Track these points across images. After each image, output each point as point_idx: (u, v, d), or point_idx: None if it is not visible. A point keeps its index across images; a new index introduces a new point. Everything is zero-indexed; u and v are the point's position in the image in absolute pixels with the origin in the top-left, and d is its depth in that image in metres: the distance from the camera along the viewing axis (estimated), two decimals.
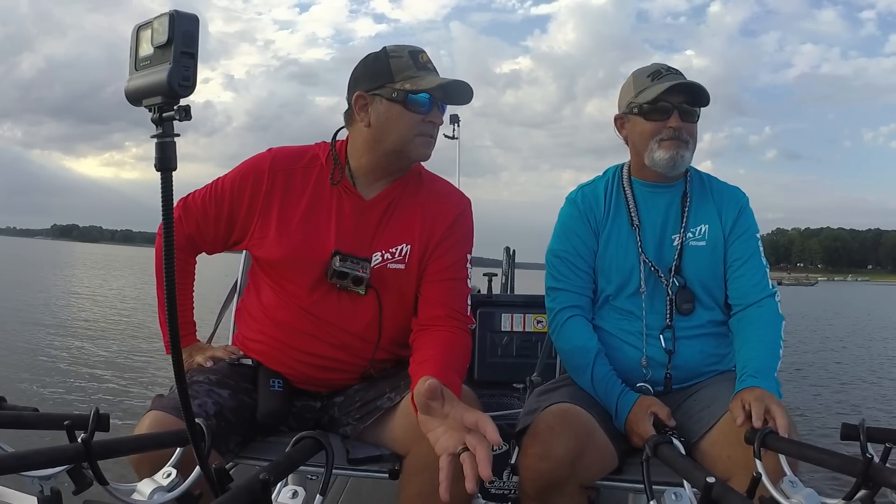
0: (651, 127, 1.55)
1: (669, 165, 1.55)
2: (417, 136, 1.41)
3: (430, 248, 1.48)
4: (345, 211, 1.46)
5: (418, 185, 1.52)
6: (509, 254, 4.54)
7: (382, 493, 2.68)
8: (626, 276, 1.59)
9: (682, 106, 1.53)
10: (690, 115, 1.55)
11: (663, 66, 1.59)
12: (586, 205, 1.66)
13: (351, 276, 1.42)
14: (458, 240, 1.51)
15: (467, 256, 1.53)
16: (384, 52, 1.42)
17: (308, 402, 1.52)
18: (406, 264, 1.47)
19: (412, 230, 1.48)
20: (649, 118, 1.56)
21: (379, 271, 1.45)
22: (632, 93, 1.59)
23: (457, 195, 1.58)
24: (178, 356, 0.70)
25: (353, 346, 1.46)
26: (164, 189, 0.66)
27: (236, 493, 0.79)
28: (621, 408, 1.46)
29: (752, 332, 1.50)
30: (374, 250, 1.46)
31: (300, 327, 1.45)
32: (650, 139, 1.56)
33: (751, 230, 1.61)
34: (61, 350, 7.66)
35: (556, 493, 1.32)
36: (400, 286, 1.47)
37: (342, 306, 1.45)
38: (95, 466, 0.85)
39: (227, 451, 1.36)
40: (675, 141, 1.53)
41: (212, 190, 1.50)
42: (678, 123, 1.53)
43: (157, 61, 0.67)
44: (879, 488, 0.94)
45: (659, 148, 1.54)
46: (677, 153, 1.53)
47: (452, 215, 1.51)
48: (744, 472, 1.18)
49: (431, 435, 1.11)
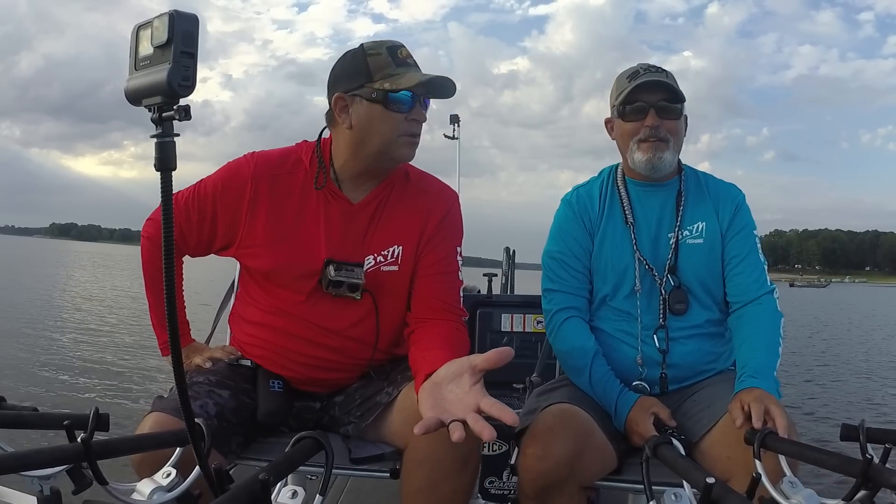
0: (630, 128, 1.55)
1: (648, 167, 1.55)
2: (400, 136, 1.38)
3: (420, 245, 1.48)
4: (333, 216, 1.44)
5: (405, 185, 1.51)
6: (509, 254, 4.54)
7: (383, 492, 2.68)
8: (622, 276, 1.59)
9: (658, 104, 1.52)
10: (668, 111, 1.53)
11: (644, 65, 1.59)
12: (581, 205, 1.66)
13: (346, 285, 1.41)
14: (447, 234, 1.50)
15: (458, 250, 1.52)
16: (361, 49, 1.39)
17: (308, 403, 1.52)
18: (399, 265, 1.46)
19: (402, 231, 1.47)
20: (627, 119, 1.56)
21: (373, 275, 1.44)
22: (615, 95, 1.60)
23: (444, 191, 1.57)
24: (178, 357, 0.70)
25: (350, 349, 1.46)
26: (163, 189, 0.66)
27: (236, 493, 0.79)
28: (620, 408, 1.46)
29: (751, 329, 1.50)
30: (367, 254, 1.45)
31: (296, 332, 1.44)
32: (629, 140, 1.56)
33: (748, 227, 1.60)
34: (61, 349, 7.66)
35: (555, 493, 1.32)
36: (394, 287, 1.47)
37: (338, 311, 1.44)
38: (95, 466, 0.85)
39: (229, 452, 1.36)
40: (653, 142, 1.52)
41: (194, 193, 1.47)
42: (654, 122, 1.52)
43: (157, 61, 0.67)
44: (879, 489, 0.94)
45: (637, 150, 1.54)
46: (654, 154, 1.53)
47: (442, 212, 1.50)
48: (743, 472, 1.18)
49: (440, 404, 1.07)
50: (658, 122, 1.52)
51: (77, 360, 7.14)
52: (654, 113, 1.52)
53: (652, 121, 1.52)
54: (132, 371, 6.65)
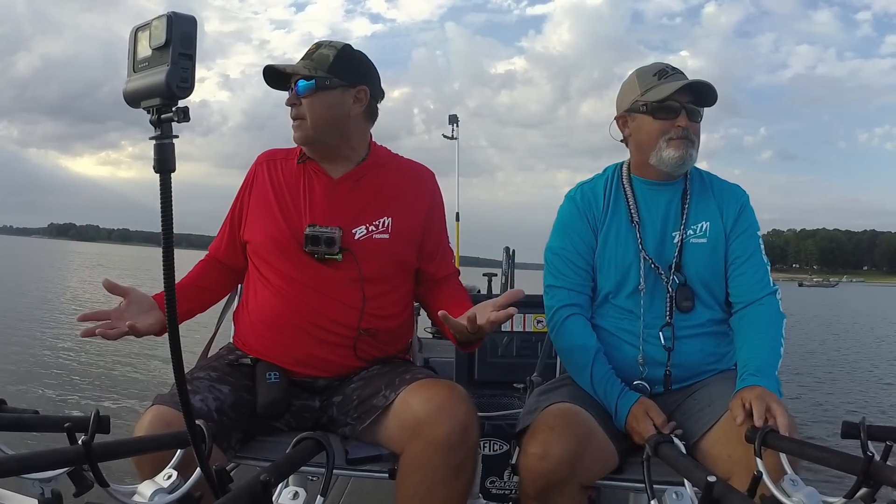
0: (660, 126, 1.55)
1: (678, 164, 1.56)
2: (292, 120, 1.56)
3: (412, 220, 1.60)
4: (315, 189, 1.58)
5: (386, 164, 1.65)
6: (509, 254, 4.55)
7: (383, 493, 2.67)
8: (625, 273, 1.59)
9: (688, 105, 1.54)
10: (696, 114, 1.56)
11: (667, 65, 1.60)
12: (585, 202, 1.66)
13: (323, 239, 1.50)
14: (436, 211, 1.68)
15: (444, 225, 1.72)
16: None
17: (307, 402, 1.53)
18: (390, 234, 1.57)
19: (388, 204, 1.59)
20: (658, 117, 1.55)
21: (366, 242, 1.54)
22: (637, 91, 1.59)
23: (422, 169, 1.70)
24: (179, 356, 0.70)
25: (339, 315, 1.50)
26: (162, 190, 0.66)
27: (237, 494, 0.79)
28: (621, 407, 1.46)
29: (753, 330, 1.50)
30: (359, 224, 1.55)
31: (288, 303, 1.50)
32: (658, 138, 1.56)
33: (752, 228, 1.61)
34: (61, 351, 7.65)
35: (556, 492, 1.32)
36: (383, 253, 1.56)
37: (324, 275, 1.51)
38: (96, 468, 0.85)
39: (229, 448, 1.37)
40: (685, 140, 1.54)
41: (228, 220, 1.68)
42: (686, 123, 1.54)
43: (156, 63, 0.67)
44: (880, 487, 0.95)
45: (668, 147, 1.55)
46: (686, 152, 1.54)
47: (427, 190, 1.66)
48: (745, 470, 1.18)
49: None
50: (687, 122, 1.54)
51: (78, 361, 7.14)
52: (685, 114, 1.54)
53: (684, 121, 1.54)
54: (133, 373, 6.65)
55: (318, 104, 1.52)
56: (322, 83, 1.52)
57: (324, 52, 1.54)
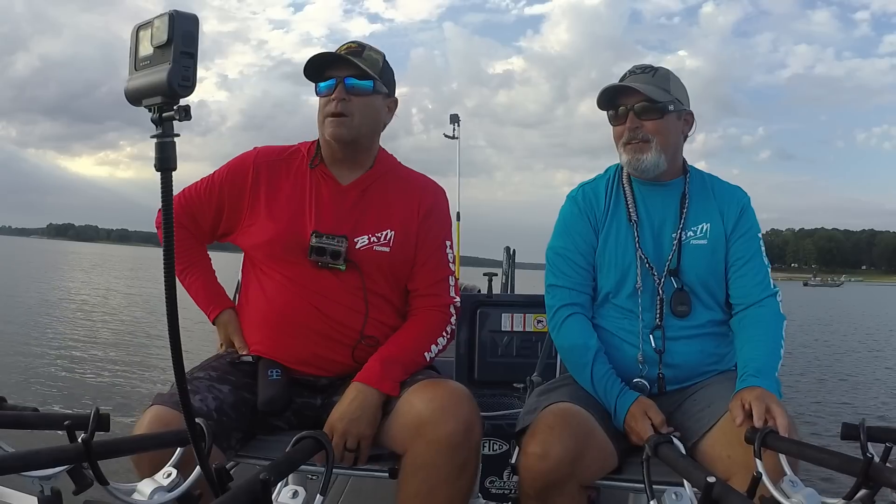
0: (616, 132, 1.60)
1: (632, 167, 1.59)
2: (325, 118, 1.52)
3: (410, 235, 1.57)
4: (322, 195, 1.56)
5: (393, 175, 1.62)
6: (509, 253, 4.54)
7: (383, 492, 2.67)
8: (624, 273, 1.59)
9: (636, 106, 1.55)
10: (648, 111, 1.55)
11: (636, 66, 1.62)
12: (587, 202, 1.66)
13: (329, 251, 1.49)
14: (432, 226, 1.60)
15: (447, 242, 1.63)
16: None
17: (308, 400, 1.53)
18: (391, 248, 1.55)
19: (393, 217, 1.57)
20: (612, 123, 1.61)
21: (366, 252, 1.53)
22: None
23: (431, 184, 1.67)
24: (179, 356, 0.70)
25: (342, 317, 1.50)
26: (163, 189, 0.66)
27: (236, 493, 0.79)
28: (620, 406, 1.46)
29: (754, 331, 1.50)
30: (361, 234, 1.53)
31: (291, 302, 1.50)
32: (618, 143, 1.60)
33: (752, 230, 1.61)
34: (61, 349, 7.66)
35: (555, 492, 1.32)
36: (384, 266, 1.54)
37: (327, 281, 1.50)
38: (96, 466, 0.85)
39: (229, 448, 1.37)
40: (634, 144, 1.56)
41: (207, 183, 1.61)
42: (633, 124, 1.55)
43: (157, 61, 0.67)
44: (880, 488, 0.95)
45: (623, 152, 1.59)
46: (633, 156, 1.56)
47: (428, 203, 1.61)
48: (744, 471, 1.18)
49: None
50: (638, 123, 1.55)
51: (77, 359, 7.14)
52: (632, 115, 1.55)
53: (631, 122, 1.55)
54: (133, 371, 6.65)
55: (369, 106, 1.53)
56: (378, 86, 1.53)
57: (373, 55, 1.53)
